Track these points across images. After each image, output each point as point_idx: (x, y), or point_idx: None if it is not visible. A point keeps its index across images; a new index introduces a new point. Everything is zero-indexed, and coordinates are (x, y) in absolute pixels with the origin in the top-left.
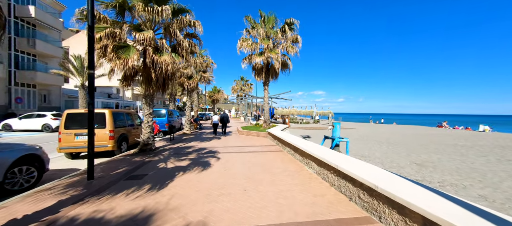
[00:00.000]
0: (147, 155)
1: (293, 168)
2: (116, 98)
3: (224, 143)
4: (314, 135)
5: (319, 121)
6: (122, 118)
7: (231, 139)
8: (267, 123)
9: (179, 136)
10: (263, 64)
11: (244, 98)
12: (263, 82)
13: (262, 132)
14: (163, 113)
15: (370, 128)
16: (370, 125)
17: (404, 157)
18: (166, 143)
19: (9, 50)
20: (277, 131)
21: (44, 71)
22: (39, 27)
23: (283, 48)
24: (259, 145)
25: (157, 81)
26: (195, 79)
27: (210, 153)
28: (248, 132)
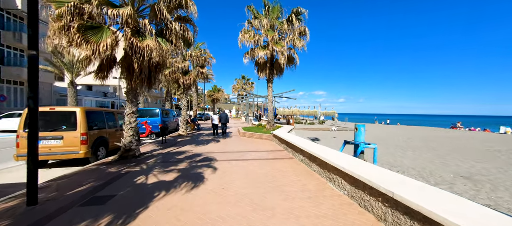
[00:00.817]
0: (127, 164)
1: (312, 185)
2: (112, 97)
3: (223, 147)
4: (323, 137)
5: (325, 121)
6: (101, 118)
7: (231, 141)
8: (271, 123)
9: (173, 138)
10: (266, 58)
11: (245, 98)
12: (266, 79)
13: (266, 134)
14: (157, 112)
15: (379, 129)
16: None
17: (441, 167)
18: (156, 146)
19: None
20: (283, 133)
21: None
22: None
23: (289, 41)
24: (264, 150)
25: (141, 73)
26: (191, 75)
27: (206, 161)
28: (250, 133)
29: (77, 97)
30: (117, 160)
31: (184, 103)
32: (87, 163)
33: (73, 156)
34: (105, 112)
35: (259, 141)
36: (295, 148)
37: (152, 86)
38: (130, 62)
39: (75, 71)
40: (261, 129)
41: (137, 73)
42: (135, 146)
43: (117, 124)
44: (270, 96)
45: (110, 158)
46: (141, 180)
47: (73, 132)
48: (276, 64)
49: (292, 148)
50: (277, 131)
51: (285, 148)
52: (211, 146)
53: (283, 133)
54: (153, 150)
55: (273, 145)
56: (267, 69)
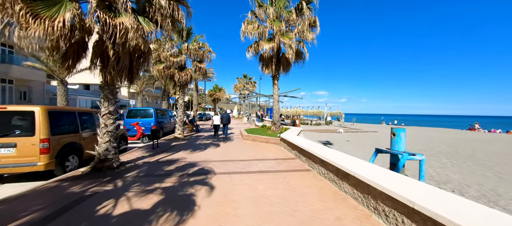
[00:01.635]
0: (99, 179)
1: (350, 219)
2: None
3: (224, 154)
4: (335, 140)
5: (331, 122)
6: (72, 120)
7: (233, 146)
8: (277, 125)
9: (167, 142)
10: (272, 53)
11: (247, 97)
12: (272, 75)
13: (273, 137)
14: (151, 112)
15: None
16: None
17: (502, 184)
18: (145, 152)
19: None
20: (293, 137)
21: (20, 64)
22: None
23: (297, 33)
24: (272, 158)
25: (119, 62)
26: (189, 71)
27: (201, 175)
28: (254, 136)
29: (69, 96)
30: (89, 172)
31: (181, 102)
32: (53, 177)
33: (30, 169)
34: (80, 112)
35: (265, 146)
36: (313, 157)
37: (133, 80)
38: (104, 48)
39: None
40: (266, 131)
41: (113, 62)
42: (112, 154)
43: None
44: (275, 95)
45: (81, 170)
46: (106, 208)
47: (30, 138)
48: (283, 59)
49: (307, 156)
50: (286, 134)
51: (298, 155)
52: (210, 152)
53: (292, 136)
54: (139, 158)
55: (281, 151)
56: (273, 65)
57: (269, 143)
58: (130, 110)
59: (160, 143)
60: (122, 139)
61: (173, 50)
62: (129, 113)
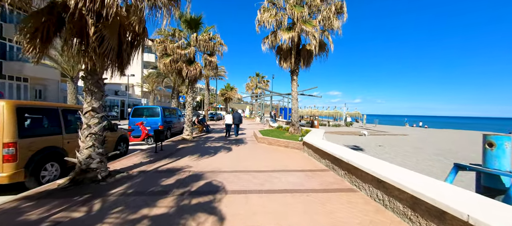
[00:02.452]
0: (74, 197)
1: None
2: (123, 95)
3: (237, 161)
4: (364, 145)
5: (352, 123)
6: (52, 119)
7: (247, 151)
8: (295, 126)
9: (173, 144)
10: (291, 44)
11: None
12: (290, 70)
13: (292, 141)
14: (157, 111)
15: (426, 134)
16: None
17: None
18: (146, 157)
19: None
20: (318, 141)
21: (29, 61)
22: None
23: (321, 21)
24: (298, 169)
25: (102, 43)
26: (198, 65)
27: (207, 195)
28: (271, 139)
29: (80, 94)
30: (66, 186)
31: (189, 100)
32: (26, 190)
33: None
34: (65, 110)
35: (284, 151)
36: (358, 172)
37: (124, 68)
38: (82, 22)
39: (76, 66)
40: (283, 133)
41: (94, 42)
42: (97, 163)
43: None
44: (294, 93)
45: (58, 182)
46: None
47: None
48: (303, 51)
49: (347, 169)
50: (309, 138)
51: (331, 166)
52: (220, 159)
53: (318, 140)
54: (135, 165)
55: (307, 160)
56: (292, 58)
57: (289, 147)
58: (136, 108)
59: (165, 145)
60: (122, 141)
61: (180, 42)
62: (134, 112)
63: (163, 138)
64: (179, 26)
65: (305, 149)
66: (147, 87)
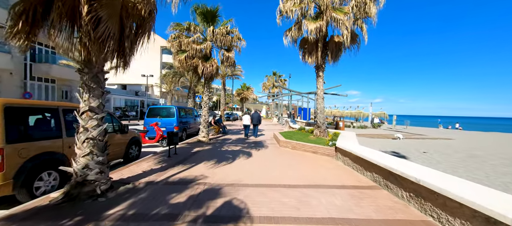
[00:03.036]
0: (63, 220)
1: None
2: (143, 96)
3: (260, 171)
4: (403, 150)
5: (380, 124)
6: (50, 120)
7: (270, 157)
8: (322, 128)
9: (189, 147)
10: (318, 36)
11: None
12: (315, 66)
13: (321, 145)
14: (173, 111)
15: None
16: (453, 132)
17: None
18: (157, 163)
19: None
20: (355, 147)
21: (56, 63)
22: None
23: (355, 6)
24: (337, 184)
25: (98, 26)
26: (214, 62)
27: (227, 222)
28: (294, 142)
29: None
30: (59, 201)
31: (205, 99)
32: (20, 204)
33: None
34: (66, 109)
35: (313, 158)
36: (436, 197)
37: (127, 58)
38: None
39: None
40: (307, 136)
41: (89, 24)
42: (95, 174)
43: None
44: (320, 91)
45: (52, 196)
46: None
47: None
48: (331, 43)
49: (412, 191)
50: (343, 143)
51: (381, 182)
52: (240, 167)
53: (354, 145)
54: (144, 173)
55: (342, 169)
56: (318, 52)
57: (318, 153)
58: (151, 108)
59: (180, 149)
60: (134, 144)
61: (195, 36)
62: (150, 112)
63: (176, 141)
64: (195, 21)
65: (338, 156)
66: (165, 87)
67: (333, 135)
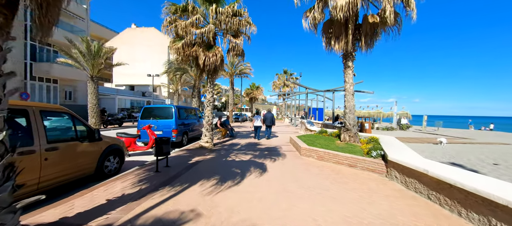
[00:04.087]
0: None
1: None
2: (149, 96)
3: (281, 200)
4: (465, 160)
5: (409, 126)
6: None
7: (290, 172)
8: (352, 132)
9: (186, 156)
10: (347, 16)
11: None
12: (343, 54)
13: (359, 155)
14: (171, 111)
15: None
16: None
17: None
18: (135, 185)
19: (24, 40)
20: (428, 164)
21: (53, 61)
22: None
23: None
24: None
25: None
26: (218, 50)
27: None
28: (321, 151)
29: (107, 95)
30: None
31: (209, 97)
32: None
33: None
34: (44, 110)
35: (353, 176)
36: None
37: (44, 21)
38: None
39: (96, 63)
40: (332, 141)
41: None
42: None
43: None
44: (349, 85)
45: None
46: None
47: None
48: (365, 25)
49: None
50: (395, 152)
51: None
52: (251, 192)
53: (418, 158)
54: (107, 206)
55: (411, 199)
56: (349, 35)
57: (357, 167)
58: (146, 108)
59: (176, 157)
60: (112, 154)
61: (194, 17)
62: (144, 112)
63: (168, 150)
64: (196, 2)
65: (392, 173)
66: (172, 88)
67: (369, 141)
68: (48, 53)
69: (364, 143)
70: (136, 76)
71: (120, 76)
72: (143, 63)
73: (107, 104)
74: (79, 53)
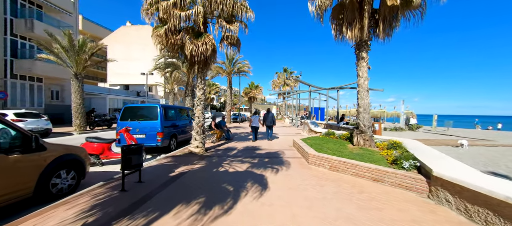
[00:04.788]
0: None
1: None
2: (144, 96)
3: None
4: (498, 166)
5: (418, 126)
6: None
7: (298, 190)
8: (367, 135)
9: (169, 165)
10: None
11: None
12: (356, 43)
13: (383, 166)
14: (156, 111)
15: None
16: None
17: None
18: (89, 208)
19: (4, 34)
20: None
21: (34, 57)
22: (47, 9)
23: None
24: None
25: None
26: (208, 38)
27: None
28: (334, 160)
29: (98, 95)
30: None
31: (199, 94)
32: None
33: None
34: None
35: (380, 196)
36: None
37: None
38: None
39: (80, 60)
40: (343, 145)
41: None
42: None
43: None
44: (363, 80)
45: None
46: None
47: None
48: (384, 7)
49: None
50: (454, 170)
51: None
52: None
53: (479, 174)
54: None
55: None
56: (364, 19)
57: (385, 182)
58: (127, 108)
59: (154, 170)
60: (64, 168)
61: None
62: (125, 113)
63: (139, 162)
64: None
65: (443, 196)
66: (168, 87)
67: (391, 146)
68: (31, 50)
69: (383, 148)
70: (131, 75)
71: (115, 76)
72: (138, 63)
73: (97, 104)
74: (61, 49)
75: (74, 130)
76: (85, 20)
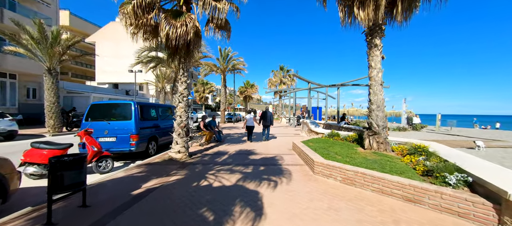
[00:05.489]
0: None
1: None
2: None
3: None
4: None
5: (422, 125)
6: None
7: (304, 213)
8: (381, 136)
9: (144, 175)
10: None
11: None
12: (368, 28)
13: (417, 180)
14: (130, 110)
15: None
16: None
17: None
18: None
19: None
20: None
21: (10, 53)
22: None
23: None
24: None
25: None
26: (190, 17)
27: None
28: (349, 170)
29: (81, 94)
30: None
31: (181, 89)
32: None
33: None
34: None
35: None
36: None
37: None
38: None
39: (54, 53)
40: (351, 148)
41: None
42: None
43: None
44: (377, 71)
45: None
46: None
47: None
48: None
49: None
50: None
51: None
52: None
53: None
54: None
55: None
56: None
57: (424, 204)
58: (94, 106)
59: (114, 185)
60: None
61: None
62: (91, 112)
63: (78, 181)
64: None
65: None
66: (159, 86)
67: (414, 151)
68: (2, 42)
69: (402, 152)
70: (120, 74)
71: (103, 74)
72: (128, 60)
73: (79, 103)
74: (31, 40)
75: (47, 132)
76: (73, 16)
